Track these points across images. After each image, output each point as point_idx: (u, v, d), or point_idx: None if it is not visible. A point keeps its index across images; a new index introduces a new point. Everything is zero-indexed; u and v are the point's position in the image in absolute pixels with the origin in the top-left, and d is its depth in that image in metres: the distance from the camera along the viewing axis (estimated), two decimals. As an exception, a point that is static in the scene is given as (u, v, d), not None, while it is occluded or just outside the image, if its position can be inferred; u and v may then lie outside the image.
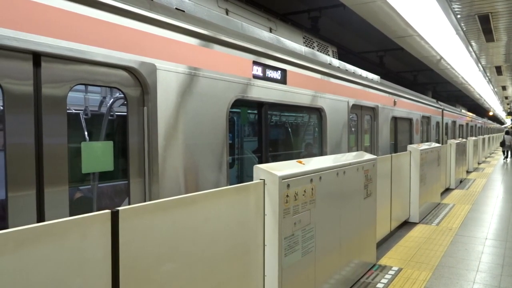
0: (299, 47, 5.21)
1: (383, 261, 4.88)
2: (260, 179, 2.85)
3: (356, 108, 6.73)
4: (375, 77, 7.93)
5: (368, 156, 4.66)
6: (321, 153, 5.50)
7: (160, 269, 2.09)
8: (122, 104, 3.16)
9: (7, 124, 2.09)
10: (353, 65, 6.97)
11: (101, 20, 2.48)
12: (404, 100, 9.25)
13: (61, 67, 2.32)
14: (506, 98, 25.64)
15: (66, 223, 1.66)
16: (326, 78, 5.49)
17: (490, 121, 40.20)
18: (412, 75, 19.03)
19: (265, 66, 4.11)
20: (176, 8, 3.22)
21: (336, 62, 6.19)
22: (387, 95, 8.09)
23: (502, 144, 21.00)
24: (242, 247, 2.69)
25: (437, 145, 8.60)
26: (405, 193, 6.73)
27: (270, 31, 5.15)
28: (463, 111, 21.32)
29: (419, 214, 6.93)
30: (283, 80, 4.42)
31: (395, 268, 4.62)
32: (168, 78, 2.91)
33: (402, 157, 6.60)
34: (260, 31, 4.44)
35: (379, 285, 4.15)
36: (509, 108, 37.12)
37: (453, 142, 11.20)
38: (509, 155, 21.27)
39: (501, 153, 22.37)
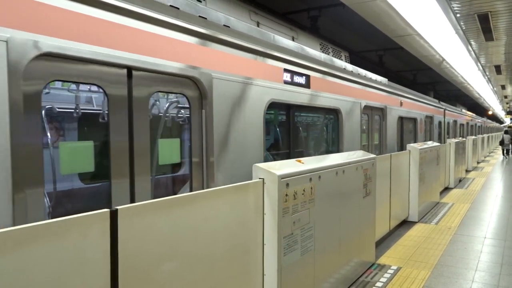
0: (319, 54, 5.75)
1: (382, 260, 4.89)
2: (260, 178, 2.86)
3: (367, 109, 7.22)
4: (383, 79, 8.36)
5: (367, 155, 4.66)
6: (338, 150, 6.03)
7: (159, 268, 2.09)
8: (185, 108, 3.80)
9: (111, 122, 2.64)
10: (353, 64, 7.22)
11: (175, 38, 3.03)
12: (409, 101, 9.76)
13: (146, 78, 2.84)
14: (506, 97, 25.66)
15: (65, 222, 1.66)
16: (342, 81, 6.06)
17: (489, 121, 41.18)
18: (412, 74, 19.04)
19: (293, 73, 4.66)
20: (224, 25, 3.74)
21: (349, 67, 6.72)
22: (394, 96, 8.59)
23: (501, 143, 22.58)
24: (241, 246, 2.69)
25: (437, 144, 8.62)
26: (404, 192, 6.74)
27: (293, 40, 5.68)
28: (463, 110, 22.05)
29: (418, 213, 6.94)
30: (307, 85, 4.99)
31: (394, 267, 4.63)
32: (220, 85, 3.46)
33: (402, 156, 6.61)
34: (287, 41, 4.94)
35: (378, 284, 4.15)
36: (508, 107, 37.15)
37: (452, 141, 11.21)
38: (510, 153, 22.55)
39: (501, 152, 23.88)
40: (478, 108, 34.39)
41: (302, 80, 4.83)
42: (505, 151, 22.59)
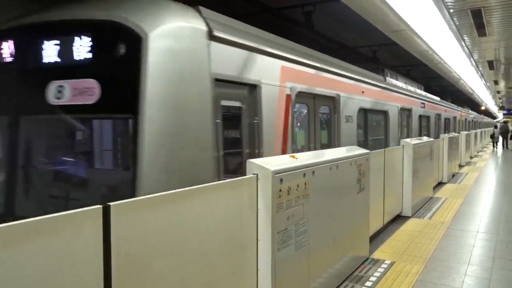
0: (374, 75, 8.88)
1: (376, 254, 4.92)
2: (253, 174, 2.85)
3: (402, 110, 10.08)
4: (418, 87, 12.91)
5: (361, 150, 4.67)
6: (385, 140, 8.79)
7: (153, 264, 2.08)
8: (329, 114, 6.24)
9: (310, 120, 5.54)
10: (346, 59, 8.03)
11: (327, 77, 5.97)
12: (429, 103, 13.62)
13: (320, 98, 5.81)
14: (498, 92, 25.82)
15: (57, 219, 1.65)
16: (387, 92, 8.92)
17: (486, 117, 46.72)
18: (406, 70, 19.09)
19: (366, 89, 7.58)
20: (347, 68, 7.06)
21: (391, 80, 9.89)
22: (418, 100, 11.97)
23: (492, 136, 26.65)
24: (235, 241, 2.69)
25: (430, 139, 8.66)
26: (398, 187, 6.77)
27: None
28: (469, 110, 28.54)
29: (411, 208, 6.98)
30: (376, 96, 8.13)
31: (388, 262, 4.66)
32: (342, 99, 6.32)
33: (395, 152, 6.63)
34: (363, 70, 8.08)
35: (372, 278, 4.18)
36: (501, 103, 37.40)
37: (445, 136, 11.27)
38: (498, 145, 26.33)
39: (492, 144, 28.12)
40: (471, 103, 34.60)
41: (369, 93, 7.71)
42: (495, 144, 26.05)
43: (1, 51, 3.61)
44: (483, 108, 39.24)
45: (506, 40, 9.46)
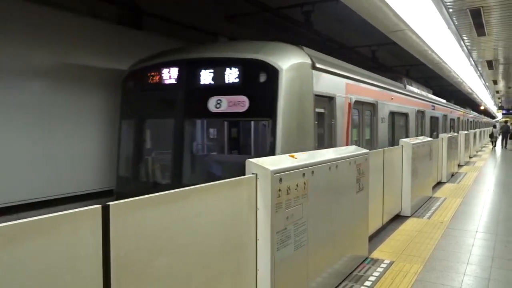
0: (398, 84, 10.89)
1: (375, 254, 4.92)
2: (253, 174, 2.85)
3: (418, 112, 11.97)
4: (428, 91, 15.00)
5: (360, 150, 4.68)
6: (406, 136, 10.33)
7: (152, 264, 2.08)
8: (371, 116, 7.85)
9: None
10: (346, 58, 8.41)
11: (372, 89, 7.80)
12: (437, 105, 15.56)
13: (368, 104, 7.68)
14: (497, 92, 25.84)
15: (56, 219, 1.65)
16: (407, 97, 10.79)
17: (486, 117, 49.50)
18: (405, 70, 19.09)
19: (394, 96, 9.37)
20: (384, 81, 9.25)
21: (411, 88, 12.14)
22: (429, 103, 13.92)
23: (491, 135, 28.28)
24: (234, 241, 2.69)
25: (429, 139, 8.68)
26: (397, 187, 6.78)
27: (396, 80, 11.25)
28: (471, 111, 31.29)
29: (411, 207, 6.99)
30: (401, 101, 10.03)
31: (387, 261, 4.66)
32: (379, 105, 7.97)
33: (395, 151, 6.64)
34: (392, 81, 10.34)
35: (371, 278, 4.18)
36: (500, 103, 37.43)
37: (444, 136, 11.28)
38: (497, 144, 27.40)
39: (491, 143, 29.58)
40: (471, 103, 34.62)
41: (396, 99, 9.56)
42: (493, 143, 27.52)
43: (180, 76, 5.49)
44: (482, 108, 39.28)
45: (505, 40, 9.47)
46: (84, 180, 6.36)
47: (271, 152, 4.78)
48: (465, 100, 31.14)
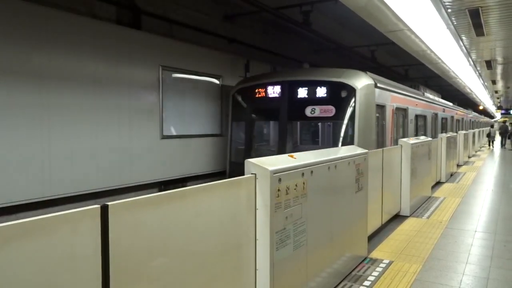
0: (419, 92, 13.46)
1: (374, 254, 4.93)
2: (252, 174, 2.85)
3: (433, 114, 14.72)
4: (438, 96, 17.64)
5: (359, 150, 4.68)
6: (425, 134, 12.97)
7: (151, 264, 2.08)
8: (403, 119, 10.48)
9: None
10: (346, 59, 8.32)
11: (406, 99, 10.73)
12: (446, 108, 18.22)
13: (402, 110, 10.34)
14: (496, 92, 25.87)
15: (54, 219, 1.64)
16: (425, 103, 13.35)
17: (486, 117, 52.50)
18: (404, 70, 19.12)
19: (418, 102, 11.98)
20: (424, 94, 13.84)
21: (427, 94, 14.68)
22: (441, 106, 16.64)
23: (488, 135, 29.77)
24: (233, 241, 2.69)
25: (428, 139, 8.69)
26: (396, 186, 6.78)
27: (418, 89, 13.71)
28: (473, 112, 35.65)
29: (410, 207, 7.00)
30: (422, 106, 12.60)
31: (386, 261, 4.66)
32: (409, 110, 10.80)
33: (393, 151, 6.64)
34: (414, 90, 12.96)
35: (370, 277, 4.18)
36: (499, 102, 37.47)
37: (443, 135, 11.30)
38: (495, 144, 29.08)
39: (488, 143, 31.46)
40: (470, 103, 34.65)
41: (419, 104, 11.99)
42: (490, 142, 29.02)
43: (283, 92, 8.04)
44: (481, 107, 39.33)
45: (503, 40, 9.48)
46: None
47: (351, 142, 7.41)
48: (464, 100, 31.17)
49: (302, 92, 7.83)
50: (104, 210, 1.82)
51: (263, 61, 11.77)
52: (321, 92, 7.69)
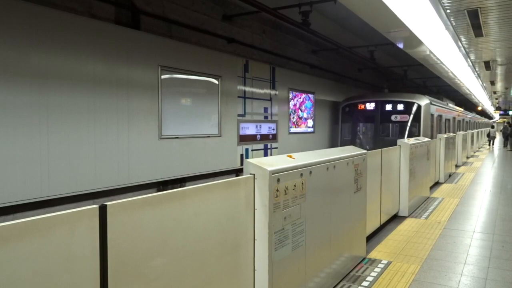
0: (445, 101, 20.09)
1: (373, 254, 4.93)
2: (250, 174, 2.85)
3: (453, 118, 20.24)
4: (452, 103, 22.70)
5: (358, 150, 4.68)
6: (449, 131, 19.49)
7: (149, 264, 2.08)
8: (439, 122, 17.39)
9: (436, 122, 16.64)
10: (347, 60, 8.05)
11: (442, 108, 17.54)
12: (461, 113, 23.69)
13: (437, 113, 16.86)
14: (495, 93, 25.91)
15: (52, 219, 1.64)
16: (449, 109, 19.35)
17: (485, 118, 54.86)
18: (403, 70, 19.14)
19: (446, 110, 18.79)
20: (449, 104, 20.65)
21: (450, 104, 21.26)
22: (456, 112, 21.69)
23: (488, 135, 32.03)
24: (232, 241, 2.69)
25: (427, 139, 8.70)
26: (394, 187, 6.79)
27: (442, 100, 19.79)
28: (476, 115, 40.78)
29: (408, 208, 7.00)
30: (447, 112, 19.21)
31: (385, 261, 4.67)
32: (443, 116, 18.07)
33: (392, 152, 6.65)
34: (447, 101, 20.67)
35: (368, 278, 4.19)
36: (497, 103, 37.55)
37: (442, 136, 11.32)
38: (493, 143, 30.99)
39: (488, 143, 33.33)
40: (469, 104, 34.71)
41: (446, 111, 18.66)
42: (490, 142, 30.92)
43: (376, 106, 14.90)
44: (479, 108, 39.40)
45: (502, 40, 9.49)
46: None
47: (418, 134, 13.45)
48: (463, 100, 31.24)
49: (389, 107, 14.48)
50: (102, 210, 1.82)
51: (262, 61, 11.77)
52: (400, 107, 14.34)
